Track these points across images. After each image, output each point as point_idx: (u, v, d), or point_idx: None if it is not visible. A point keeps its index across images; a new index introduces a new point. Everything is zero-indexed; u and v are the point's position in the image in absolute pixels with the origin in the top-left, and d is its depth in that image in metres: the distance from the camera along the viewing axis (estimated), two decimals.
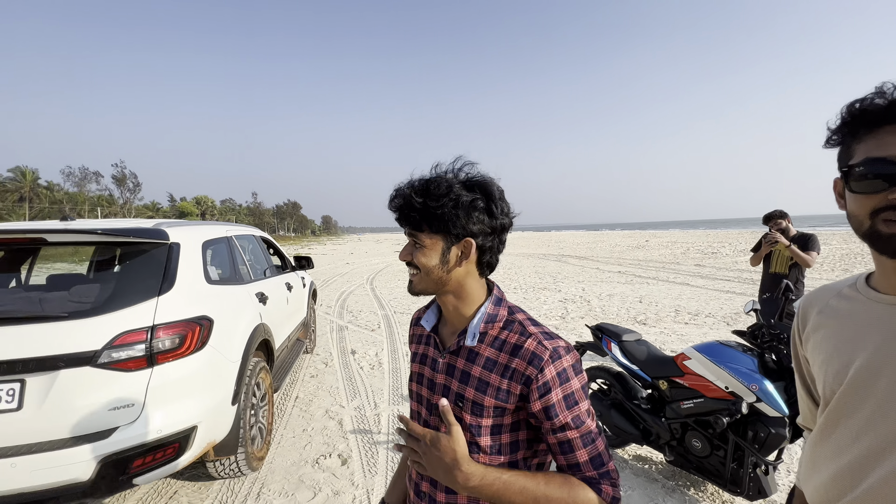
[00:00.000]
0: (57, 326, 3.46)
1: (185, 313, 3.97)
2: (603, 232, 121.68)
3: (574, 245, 48.61)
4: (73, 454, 3.29)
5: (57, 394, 3.37)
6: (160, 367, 3.71)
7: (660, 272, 20.59)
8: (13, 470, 3.15)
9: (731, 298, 14.14)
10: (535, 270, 22.79)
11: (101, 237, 3.89)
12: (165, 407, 3.71)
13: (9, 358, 3.32)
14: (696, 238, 53.89)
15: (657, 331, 10.69)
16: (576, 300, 14.41)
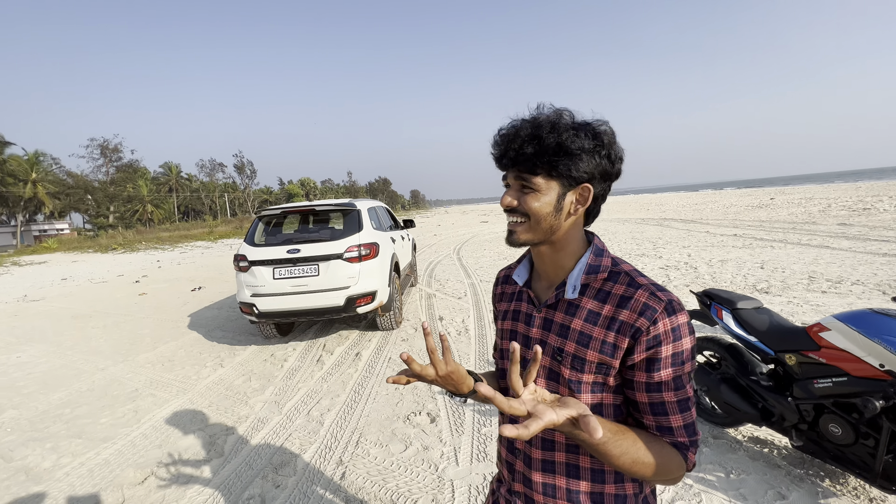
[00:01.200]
0: (325, 244, 8.30)
1: (369, 239, 8.61)
2: (708, 192, 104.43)
3: (677, 208, 42.52)
4: (336, 294, 8.06)
5: (329, 269, 8.14)
6: (362, 263, 8.34)
7: (789, 234, 17.65)
8: (318, 297, 7.98)
9: (892, 262, 11.68)
10: (631, 236, 20.24)
11: (334, 208, 9.02)
12: (365, 280, 8.34)
13: (314, 255, 8.11)
14: (840, 192, 44.55)
15: (783, 300, 9.16)
16: (679, 266, 12.91)
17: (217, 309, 12.36)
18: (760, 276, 11.53)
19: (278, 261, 8.25)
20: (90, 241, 51.41)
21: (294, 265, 8.22)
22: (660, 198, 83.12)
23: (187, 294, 14.72)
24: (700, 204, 47.80)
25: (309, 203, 9.23)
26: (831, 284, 10.12)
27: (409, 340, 8.74)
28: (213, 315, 11.75)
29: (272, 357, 8.43)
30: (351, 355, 8.17)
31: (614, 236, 20.56)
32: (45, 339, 10.47)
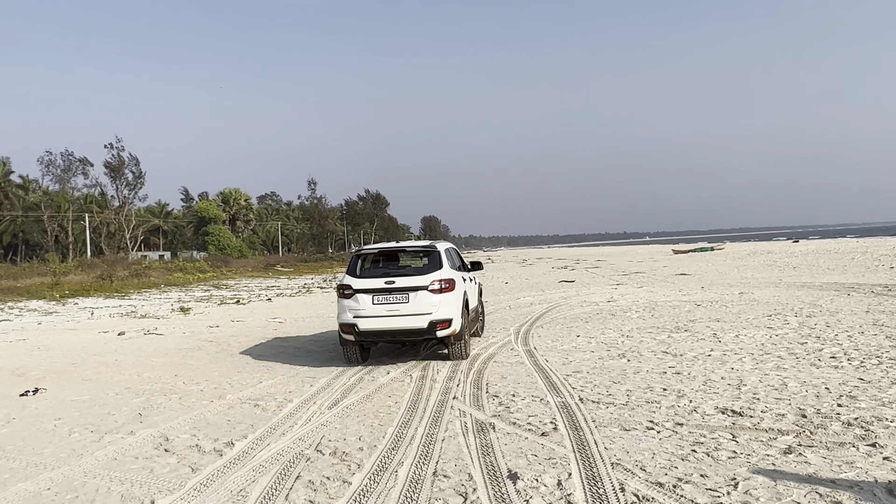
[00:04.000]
0: (414, 278, 10.39)
1: (448, 276, 10.44)
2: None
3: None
4: (421, 318, 10.08)
5: (417, 298, 10.15)
6: (442, 294, 10.19)
7: None
8: (407, 320, 10.13)
9: None
10: (853, 321, 12.85)
11: (420, 250, 11.69)
12: (444, 308, 10.16)
13: (406, 286, 10.21)
14: None
15: None
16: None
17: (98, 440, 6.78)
18: None
19: (377, 290, 10.36)
20: None
21: (390, 293, 10.33)
22: (874, 244, 68.52)
23: (11, 401, 9.18)
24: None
25: (399, 244, 11.99)
26: None
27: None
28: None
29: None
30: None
31: (828, 324, 11.39)
32: None
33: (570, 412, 6.86)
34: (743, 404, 6.82)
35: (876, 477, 4.62)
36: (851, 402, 6.68)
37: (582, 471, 5.06)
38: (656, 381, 8.14)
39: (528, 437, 6.03)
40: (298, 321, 17.91)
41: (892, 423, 5.89)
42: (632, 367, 9.19)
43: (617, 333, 12.46)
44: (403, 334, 10.37)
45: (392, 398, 8.03)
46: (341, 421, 7.04)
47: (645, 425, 6.24)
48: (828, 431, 5.75)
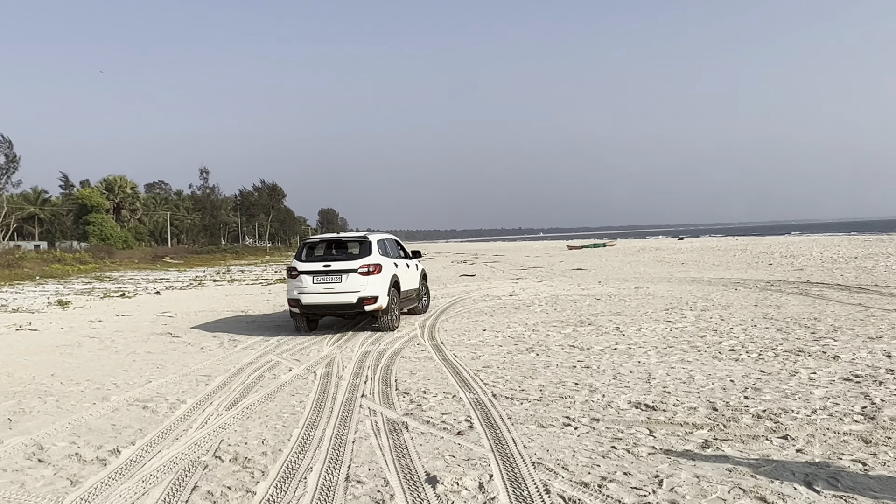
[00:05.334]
0: (346, 262, 12.89)
1: (375, 261, 12.84)
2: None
3: (808, 257, 32.39)
4: (351, 295, 12.50)
5: (348, 279, 12.57)
6: (369, 276, 12.61)
7: None
8: (340, 296, 12.56)
9: None
10: (745, 315, 13.16)
11: (355, 239, 13.98)
12: (371, 287, 12.56)
13: (340, 268, 12.66)
14: None
15: None
16: (880, 377, 7.31)
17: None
18: None
19: (317, 272, 12.75)
20: None
21: (327, 275, 12.68)
22: (752, 242, 67.75)
23: None
24: (854, 257, 32.32)
25: (337, 235, 14.86)
26: None
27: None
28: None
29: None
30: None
31: (723, 318, 12.04)
32: None
33: (485, 409, 6.65)
34: (655, 398, 6.82)
35: (793, 470, 4.65)
36: (757, 395, 6.81)
37: (503, 472, 4.83)
38: (567, 376, 8.07)
39: (444, 437, 5.76)
40: (191, 315, 16.92)
41: (799, 414, 6.02)
42: (541, 361, 9.10)
43: (523, 327, 12.43)
44: (337, 308, 12.86)
45: (296, 397, 7.56)
46: (241, 423, 6.53)
47: (562, 421, 6.10)
48: (740, 424, 5.79)
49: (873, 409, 6.08)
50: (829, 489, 4.28)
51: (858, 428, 5.55)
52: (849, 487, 4.31)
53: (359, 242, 13.46)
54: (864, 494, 4.18)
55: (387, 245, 14.10)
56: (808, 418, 5.89)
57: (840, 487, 4.31)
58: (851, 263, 27.20)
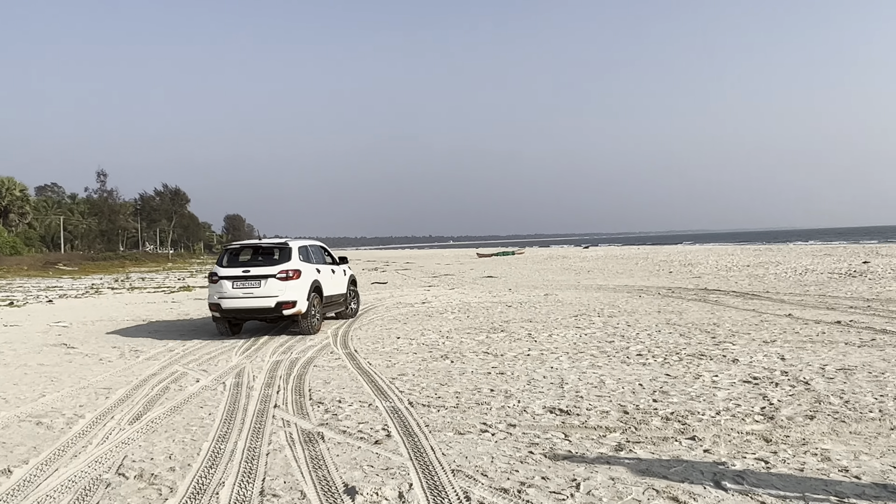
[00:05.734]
0: (265, 268, 13.14)
1: (294, 267, 13.18)
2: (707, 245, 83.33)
3: (712, 269, 31.69)
4: (269, 300, 12.89)
5: (267, 284, 12.92)
6: (288, 281, 12.95)
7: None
8: (259, 301, 12.91)
9: None
10: (664, 321, 13.41)
11: (275, 246, 13.78)
12: (289, 292, 12.92)
13: (259, 274, 13.00)
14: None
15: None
16: (776, 380, 7.69)
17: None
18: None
19: (236, 277, 13.05)
20: None
21: (246, 280, 12.99)
22: (652, 251, 67.52)
23: None
24: (746, 265, 33.13)
25: (258, 242, 14.85)
26: None
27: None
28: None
29: None
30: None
31: (629, 324, 12.87)
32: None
33: (402, 417, 6.59)
34: (569, 403, 6.96)
35: (702, 469, 4.82)
36: (665, 398, 7.05)
37: (423, 480, 4.79)
38: (483, 382, 8.12)
39: (361, 447, 5.66)
40: (87, 325, 16.03)
41: (704, 415, 6.27)
42: (456, 368, 9.12)
43: (437, 335, 12.44)
44: (256, 312, 13.14)
45: (205, 409, 7.26)
46: (146, 438, 6.21)
47: (479, 428, 6.12)
48: (650, 427, 5.98)
49: (771, 410, 6.41)
50: (737, 487, 4.46)
51: (759, 427, 5.83)
52: (753, 484, 4.51)
53: (279, 248, 13.59)
54: (768, 491, 4.39)
55: (309, 251, 14.41)
56: (713, 419, 6.15)
57: (746, 485, 4.50)
58: (744, 271, 28.72)
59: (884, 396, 6.73)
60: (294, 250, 13.51)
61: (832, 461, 4.92)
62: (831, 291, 18.52)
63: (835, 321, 12.25)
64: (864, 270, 24.66)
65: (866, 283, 20.37)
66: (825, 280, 22.41)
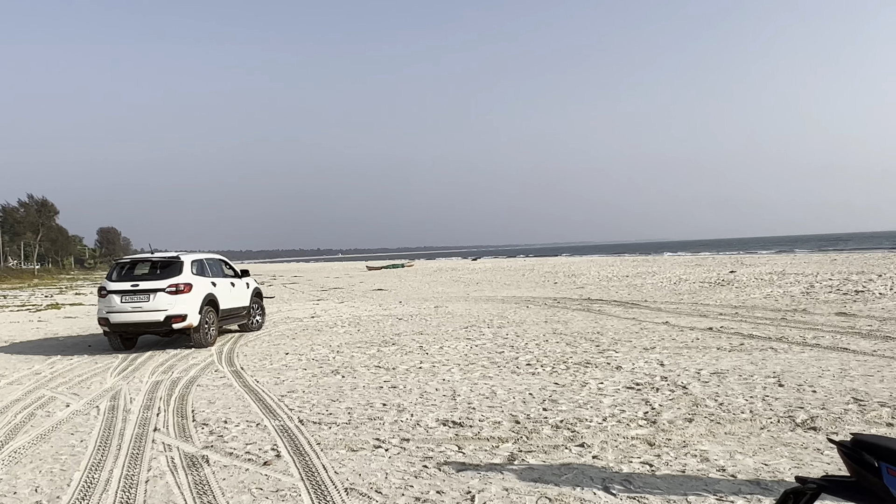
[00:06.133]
0: (154, 282, 13.15)
1: (185, 281, 13.23)
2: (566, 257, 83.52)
3: (595, 279, 32.55)
4: (158, 314, 12.88)
5: (156, 298, 12.94)
6: (178, 294, 13.01)
7: (784, 328, 12.61)
8: (148, 315, 12.87)
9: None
10: (551, 330, 13.79)
11: (167, 260, 13.77)
12: (179, 306, 12.95)
13: (148, 288, 13.03)
14: (814, 264, 32.83)
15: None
16: (656, 384, 8.12)
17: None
18: (788, 401, 7.14)
19: (125, 291, 12.99)
20: None
21: (135, 294, 12.94)
22: (537, 263, 66.08)
23: None
24: (626, 276, 34.05)
25: (149, 256, 14.42)
26: (892, 412, 6.43)
27: None
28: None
29: None
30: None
31: (518, 334, 13.06)
32: None
33: (292, 436, 6.39)
34: (461, 415, 6.98)
35: (591, 476, 4.95)
36: (554, 406, 7.21)
37: (315, 501, 4.65)
38: (375, 397, 8.02)
39: (249, 469, 5.43)
40: None
41: (592, 422, 6.45)
42: (348, 383, 8.97)
43: (327, 349, 12.20)
44: (146, 326, 13.05)
45: (76, 436, 6.76)
46: (9, 470, 5.69)
47: (372, 444, 6.02)
48: (541, 435, 6.09)
49: (654, 414, 6.69)
50: (624, 491, 4.61)
51: (643, 432, 6.07)
52: (639, 488, 4.67)
53: (170, 262, 13.61)
54: (653, 493, 4.56)
55: (205, 264, 14.47)
56: (600, 426, 6.34)
57: (632, 489, 4.65)
58: (624, 281, 30.04)
59: (753, 398, 7.19)
60: (186, 264, 13.53)
61: (710, 461, 5.18)
62: (703, 300, 19.69)
63: (707, 328, 13.02)
64: (732, 279, 26.34)
65: (733, 292, 21.79)
66: (697, 289, 23.79)
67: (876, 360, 9.01)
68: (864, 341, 10.53)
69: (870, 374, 8.08)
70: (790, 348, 10.23)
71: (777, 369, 8.57)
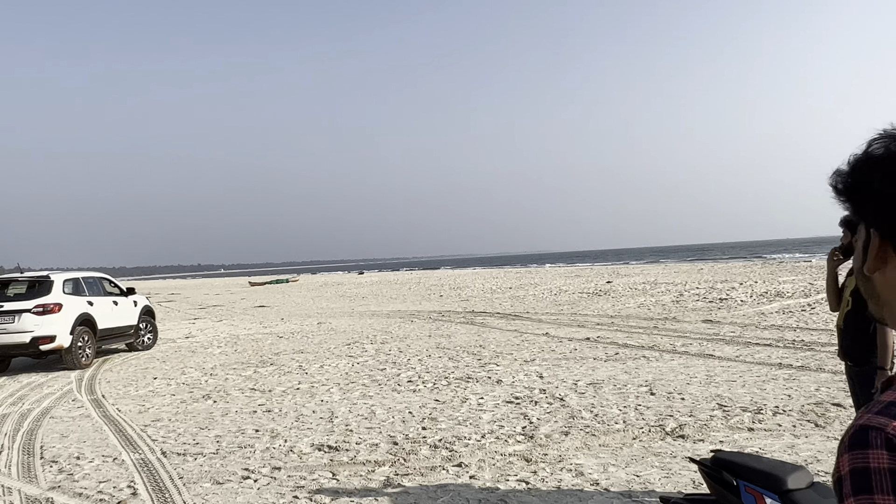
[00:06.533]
0: (20, 303, 12.60)
1: (54, 301, 12.71)
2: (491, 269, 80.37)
3: (480, 292, 32.22)
4: (24, 335, 12.33)
5: (22, 319, 12.34)
6: (45, 315, 12.45)
7: (656, 337, 13.18)
8: (13, 337, 12.29)
9: (794, 376, 8.52)
10: (437, 345, 13.59)
11: (32, 279, 13.39)
12: (47, 327, 12.42)
13: (12, 309, 12.41)
14: (683, 274, 35.08)
15: (708, 448, 5.48)
16: (535, 397, 8.14)
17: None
18: (659, 409, 7.39)
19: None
20: None
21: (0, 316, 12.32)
22: (423, 276, 67.30)
23: None
24: (509, 287, 34.45)
25: (14, 276, 13.92)
26: (752, 417, 6.81)
27: None
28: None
29: None
30: None
31: (401, 350, 12.94)
32: None
33: (152, 470, 5.92)
34: (338, 438, 6.72)
35: (468, 497, 4.85)
36: (433, 424, 7.09)
37: None
38: (247, 423, 7.61)
39: None
40: None
41: (470, 440, 6.37)
42: (219, 408, 8.49)
43: (199, 372, 11.56)
44: (11, 349, 12.56)
45: None
46: None
47: (240, 475, 5.67)
48: (419, 456, 5.94)
49: (532, 429, 6.70)
50: None
51: (521, 448, 6.05)
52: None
53: (39, 282, 13.23)
54: None
55: (81, 283, 14.08)
56: (478, 443, 6.27)
57: None
58: (507, 293, 30.56)
59: (626, 407, 7.36)
60: (57, 283, 13.14)
61: (585, 475, 5.20)
62: (581, 310, 20.27)
63: (585, 338, 13.35)
64: (608, 290, 27.35)
65: (610, 301, 22.58)
66: (576, 299, 24.49)
67: (738, 365, 9.50)
68: (727, 347, 11.11)
69: (733, 379, 8.49)
70: (661, 356, 10.64)
71: (649, 378, 8.87)
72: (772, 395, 7.53)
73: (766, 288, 22.28)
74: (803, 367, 9.03)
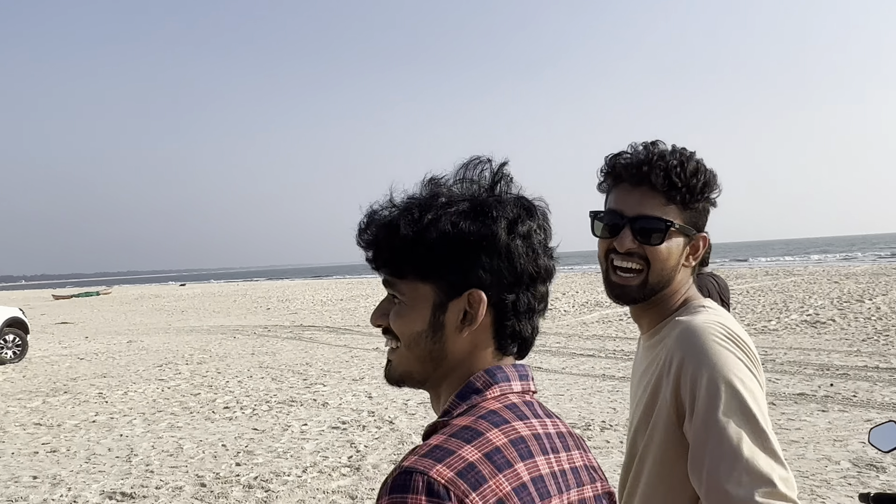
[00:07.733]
0: None
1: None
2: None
3: (302, 300, 32.51)
4: None
5: None
6: None
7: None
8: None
9: (618, 390, 8.62)
10: (242, 365, 12.78)
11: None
12: None
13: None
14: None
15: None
16: (363, 421, 7.67)
17: None
18: None
19: None
20: None
21: None
22: (250, 288, 67.37)
23: None
24: (340, 299, 34.16)
25: None
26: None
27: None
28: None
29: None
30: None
31: (219, 370, 11.16)
32: None
33: None
34: (135, 482, 5.84)
35: None
36: (249, 459, 6.38)
37: None
38: (24, 468, 6.46)
39: None
40: None
41: (290, 476, 5.76)
42: None
43: None
44: None
45: None
46: None
47: None
48: (230, 499, 5.25)
49: (359, 458, 6.21)
50: None
51: (345, 483, 5.54)
52: None
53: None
54: None
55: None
56: (299, 479, 5.67)
57: None
58: (338, 305, 29.87)
59: None
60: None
61: None
62: None
63: None
64: None
65: None
66: None
67: (565, 377, 9.62)
68: (554, 359, 11.31)
69: (561, 393, 8.54)
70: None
71: None
72: (598, 409, 7.60)
73: (587, 297, 23.37)
74: (624, 378, 9.28)
